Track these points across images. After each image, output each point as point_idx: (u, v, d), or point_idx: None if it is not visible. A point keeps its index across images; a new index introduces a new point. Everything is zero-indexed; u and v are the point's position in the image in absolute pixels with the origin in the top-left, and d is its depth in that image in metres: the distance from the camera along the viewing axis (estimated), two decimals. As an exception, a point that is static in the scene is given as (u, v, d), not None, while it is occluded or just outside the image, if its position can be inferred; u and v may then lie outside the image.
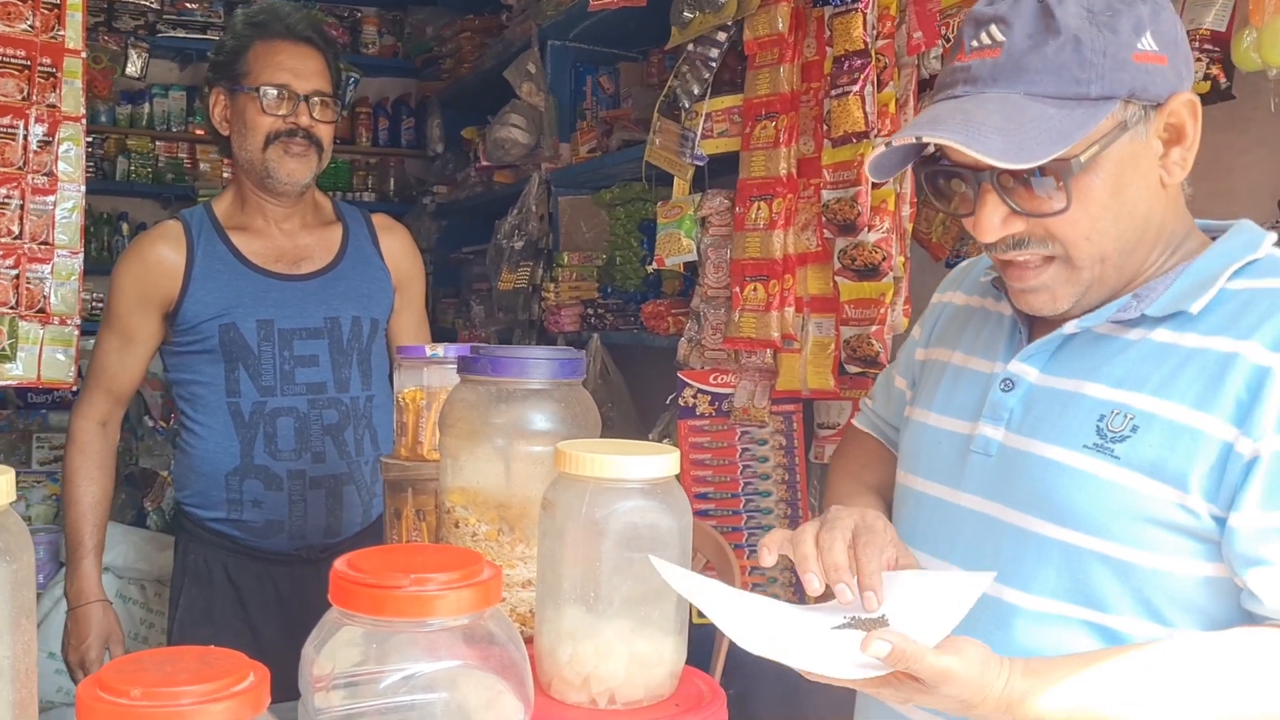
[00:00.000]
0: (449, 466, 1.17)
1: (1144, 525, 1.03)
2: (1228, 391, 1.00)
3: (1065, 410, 1.09)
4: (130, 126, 5.13)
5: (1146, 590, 1.04)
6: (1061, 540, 1.07)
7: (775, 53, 2.51)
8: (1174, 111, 1.06)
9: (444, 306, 5.20)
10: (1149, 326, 1.09)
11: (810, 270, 2.48)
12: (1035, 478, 1.09)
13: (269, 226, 2.14)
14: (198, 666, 0.72)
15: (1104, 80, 1.03)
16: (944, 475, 1.20)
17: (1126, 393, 1.06)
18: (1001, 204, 1.07)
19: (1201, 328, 1.05)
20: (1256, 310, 1.03)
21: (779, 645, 0.91)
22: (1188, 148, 1.08)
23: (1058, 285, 1.10)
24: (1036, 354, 1.15)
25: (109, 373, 2.11)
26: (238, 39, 2.10)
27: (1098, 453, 1.05)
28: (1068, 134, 1.01)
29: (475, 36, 4.88)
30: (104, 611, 2.10)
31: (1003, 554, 1.11)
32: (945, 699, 0.94)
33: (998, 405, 1.15)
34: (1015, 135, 1.01)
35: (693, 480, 2.75)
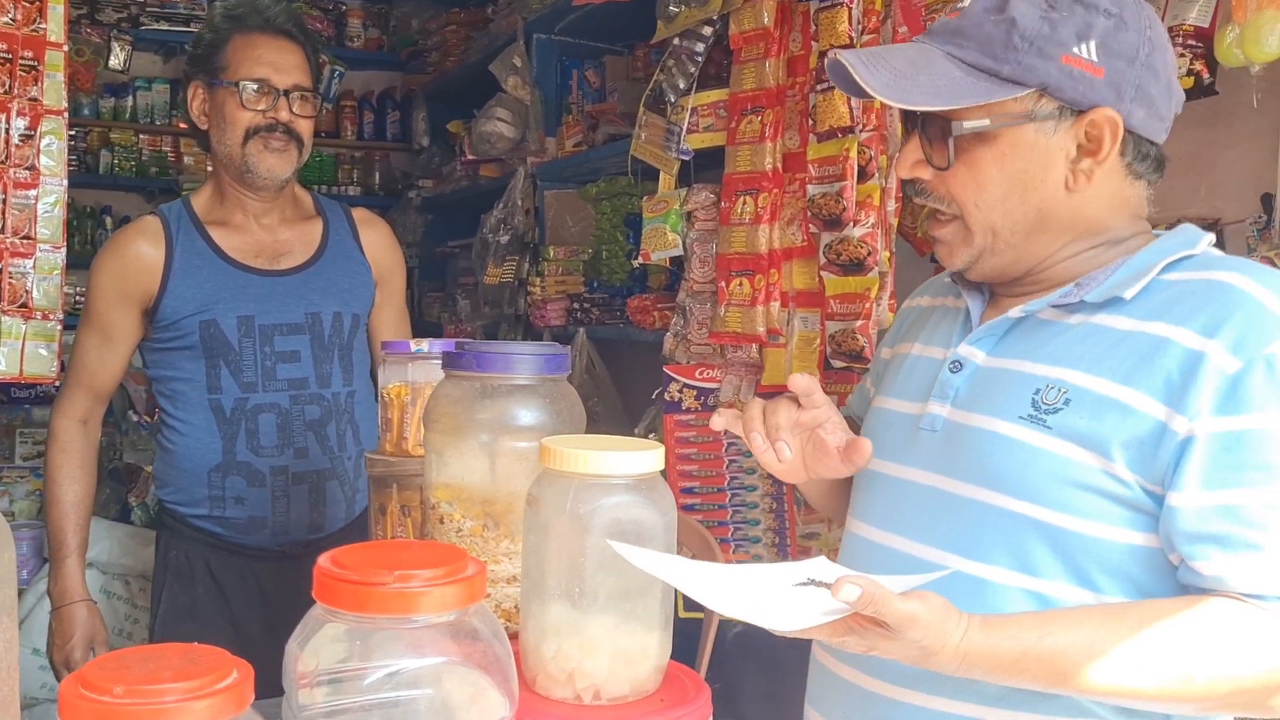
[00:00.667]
0: (434, 462, 1.17)
1: (1073, 490, 1.08)
2: (1158, 371, 1.06)
3: (1005, 386, 1.15)
4: (114, 120, 5.09)
5: (1077, 556, 1.08)
6: (998, 506, 1.11)
7: (761, 47, 2.51)
8: (1094, 123, 1.11)
9: (429, 301, 5.18)
10: (1088, 312, 1.14)
11: (796, 265, 2.49)
12: (975, 448, 1.14)
13: (249, 221, 2.13)
14: (181, 664, 0.72)
15: (1019, 65, 1.09)
16: (895, 453, 1.24)
17: (1062, 369, 1.11)
18: (918, 148, 1.17)
19: (1135, 312, 1.11)
20: (1189, 299, 1.08)
21: (747, 606, 0.93)
22: (1099, 161, 1.13)
23: (954, 242, 1.20)
24: (984, 338, 1.21)
25: (89, 370, 2.10)
26: (216, 32, 2.08)
27: (1031, 423, 1.10)
28: (956, 96, 1.10)
29: (460, 30, 4.86)
30: (88, 611, 2.09)
31: (944, 522, 1.16)
32: (908, 645, 0.96)
33: (945, 384, 1.21)
34: (907, 79, 1.12)
35: (678, 475, 2.75)
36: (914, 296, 1.47)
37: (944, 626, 0.97)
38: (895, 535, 1.21)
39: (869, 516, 1.27)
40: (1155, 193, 1.42)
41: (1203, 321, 1.06)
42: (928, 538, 1.17)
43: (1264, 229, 1.85)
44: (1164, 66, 1.13)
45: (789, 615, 0.95)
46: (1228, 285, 1.08)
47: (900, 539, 1.20)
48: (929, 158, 1.17)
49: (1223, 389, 1.03)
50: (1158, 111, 1.14)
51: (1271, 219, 1.83)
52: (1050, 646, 1.01)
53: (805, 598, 0.98)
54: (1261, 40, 1.54)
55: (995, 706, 1.11)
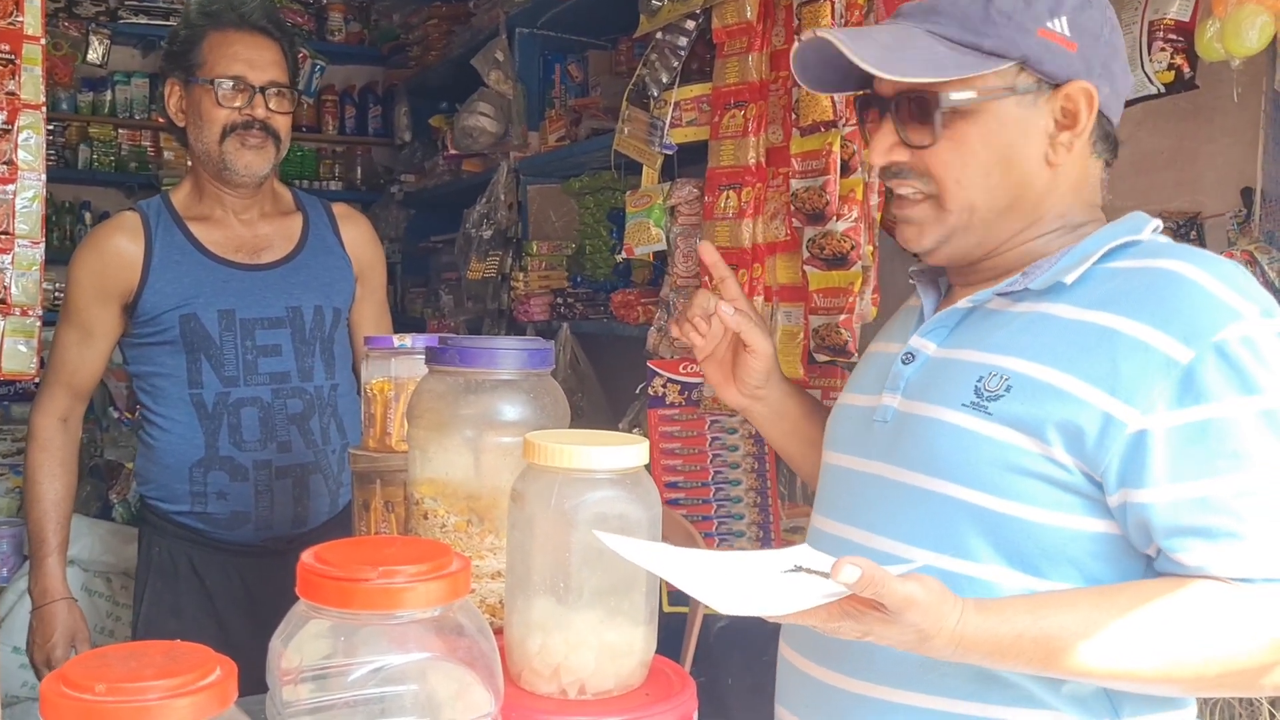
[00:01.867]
0: (417, 458, 1.17)
1: (1014, 476, 1.08)
2: (1101, 360, 1.05)
3: (952, 376, 1.16)
4: (92, 114, 5.05)
5: (1018, 541, 1.08)
6: (941, 493, 1.12)
7: (744, 41, 2.51)
8: (1070, 95, 1.13)
9: (412, 296, 5.17)
10: (1033, 300, 1.15)
11: (779, 259, 2.49)
12: (919, 435, 1.15)
13: (228, 217, 2.12)
14: (163, 661, 0.72)
15: (1000, 39, 1.10)
16: (852, 446, 1.26)
17: (1004, 357, 1.12)
18: (892, 131, 1.17)
19: (1079, 300, 1.11)
20: (1135, 288, 1.09)
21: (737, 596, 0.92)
22: (1077, 134, 1.14)
23: (926, 222, 1.19)
24: (935, 329, 1.22)
25: (69, 367, 2.09)
26: (191, 29, 2.07)
27: (973, 410, 1.11)
28: (943, 69, 1.10)
29: (442, 24, 4.84)
30: (69, 610, 2.08)
31: (896, 512, 1.16)
32: (905, 628, 0.95)
33: (897, 376, 1.22)
34: (894, 53, 1.12)
35: (662, 469, 2.75)
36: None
37: (941, 610, 0.97)
38: (853, 528, 1.21)
39: (829, 510, 1.28)
40: (1137, 188, 1.43)
41: (1150, 311, 1.06)
42: (882, 528, 1.17)
43: (1244, 223, 1.86)
44: (1121, 48, 1.16)
45: (781, 601, 0.94)
46: (1173, 273, 1.08)
47: (858, 531, 1.20)
48: (905, 139, 1.16)
49: (1178, 381, 1.03)
50: (1118, 89, 1.16)
51: (1251, 213, 1.84)
52: (1045, 629, 1.01)
53: (797, 584, 0.97)
54: (1242, 34, 1.55)
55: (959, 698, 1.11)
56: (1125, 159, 2.20)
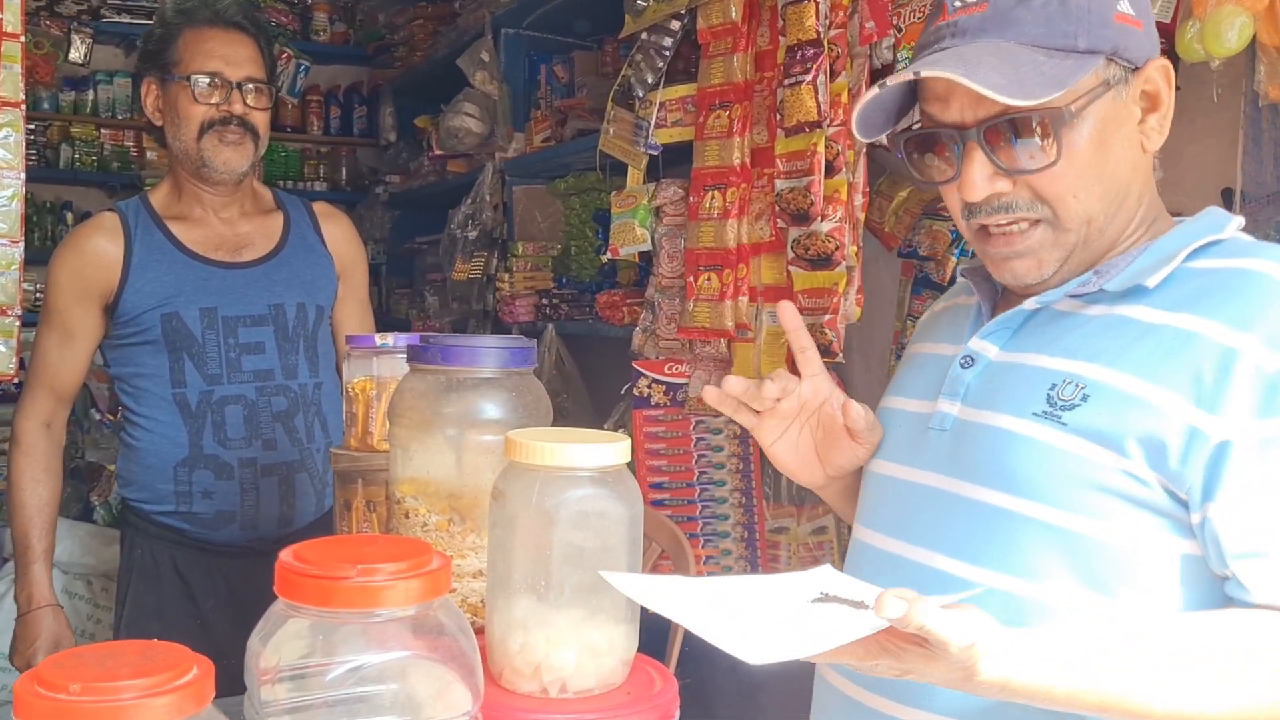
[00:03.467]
0: (399, 457, 1.16)
1: (1091, 492, 1.01)
2: (1186, 368, 0.99)
3: (1018, 382, 1.08)
4: (74, 113, 5.03)
5: (1092, 562, 1.01)
6: (1008, 509, 1.05)
7: (729, 42, 2.51)
8: (1150, 77, 1.08)
9: (397, 297, 5.16)
10: (1109, 302, 1.08)
11: (764, 260, 2.49)
12: (984, 447, 1.08)
13: (208, 215, 2.11)
14: (139, 661, 0.71)
15: (1090, 34, 1.04)
16: (903, 455, 1.18)
17: (1080, 363, 1.05)
18: (988, 161, 1.06)
19: (1160, 302, 1.04)
20: (1218, 289, 1.02)
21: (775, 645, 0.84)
22: (1163, 114, 1.09)
23: (1043, 249, 1.09)
24: (997, 331, 1.14)
25: (50, 371, 2.07)
26: (166, 27, 2.06)
27: (1046, 419, 1.03)
28: (1061, 79, 1.01)
29: (428, 24, 4.83)
30: (54, 616, 2.06)
31: (954, 527, 1.09)
32: (950, 667, 0.87)
33: (955, 381, 1.14)
34: (1012, 74, 1.01)
35: (648, 470, 2.75)
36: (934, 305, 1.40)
37: (987, 646, 0.87)
38: (904, 543, 1.14)
39: (876, 523, 1.19)
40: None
41: (1234, 314, 0.99)
42: (939, 545, 1.09)
43: (1225, 223, 1.87)
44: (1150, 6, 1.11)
45: (813, 640, 0.85)
46: (1258, 273, 1.01)
47: (910, 546, 1.13)
48: (1008, 165, 1.06)
49: (1263, 388, 0.96)
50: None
51: (1232, 213, 1.85)
52: (1103, 670, 0.92)
53: (827, 616, 0.90)
54: (1221, 35, 1.55)
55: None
56: (1108, 160, 2.22)
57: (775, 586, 0.98)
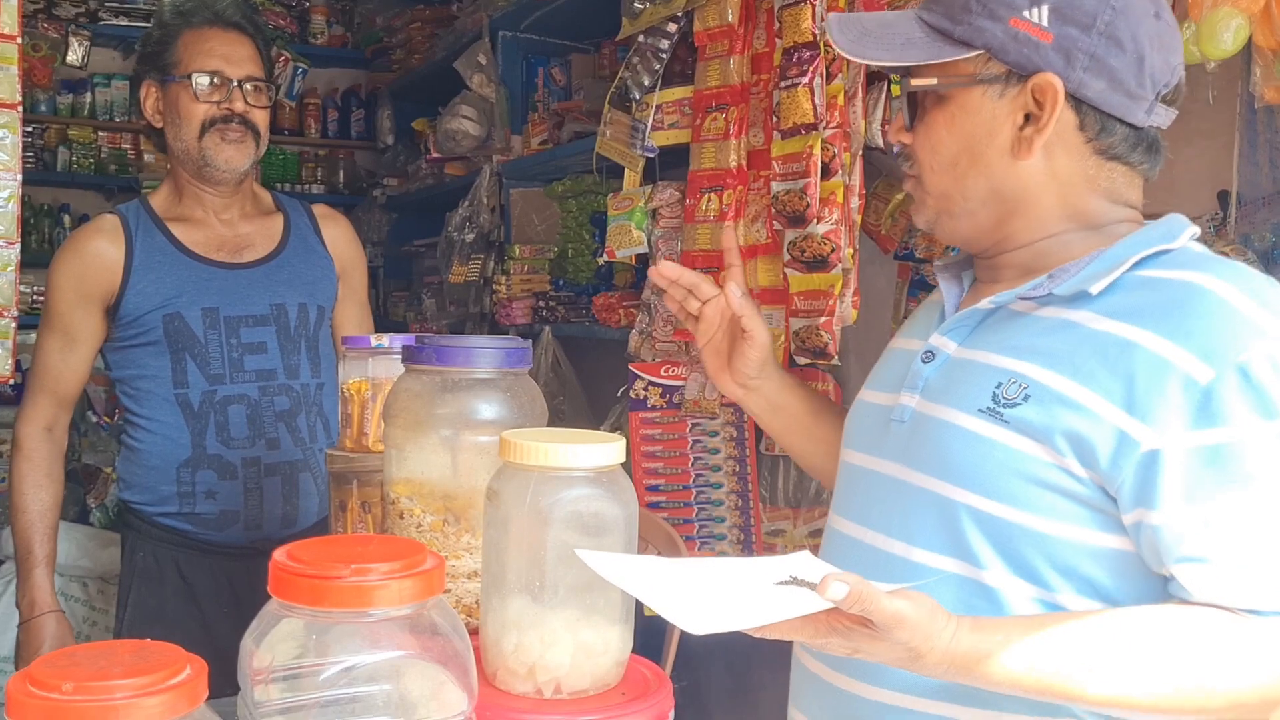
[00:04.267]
0: (394, 457, 1.16)
1: (1028, 485, 1.05)
2: (1120, 375, 1.02)
3: (970, 378, 1.13)
4: (72, 116, 5.02)
5: (1025, 551, 1.06)
6: (951, 498, 1.10)
7: (725, 44, 2.51)
8: (1038, 88, 1.10)
9: (395, 300, 5.15)
10: (1059, 305, 1.11)
11: (760, 262, 2.49)
12: (934, 438, 1.13)
13: (208, 217, 2.11)
14: (132, 660, 0.71)
15: (969, 28, 1.11)
16: (868, 445, 1.24)
17: (1024, 363, 1.09)
18: (905, 117, 1.20)
19: (1104, 309, 1.07)
20: (1162, 300, 1.04)
21: (720, 617, 0.89)
22: (1038, 130, 1.11)
23: (916, 202, 1.23)
24: (957, 328, 1.19)
25: (52, 375, 2.07)
26: (165, 29, 2.07)
27: (989, 416, 1.08)
28: (904, 54, 1.14)
29: (425, 27, 4.83)
30: (58, 622, 2.05)
31: (909, 515, 1.15)
32: (895, 646, 0.93)
33: (916, 375, 1.20)
34: (870, 38, 1.17)
35: (644, 472, 2.75)
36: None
37: (932, 628, 0.94)
38: (866, 529, 1.19)
39: (845, 510, 1.25)
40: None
41: (1172, 326, 1.02)
42: (896, 531, 1.15)
43: (1220, 226, 1.87)
44: (1132, 38, 1.08)
45: (758, 614, 0.91)
46: (1200, 287, 1.03)
47: (871, 532, 1.18)
48: (905, 122, 1.20)
49: (1197, 401, 0.99)
50: (1123, 86, 1.09)
51: (1227, 216, 1.85)
52: (1044, 655, 0.97)
53: (786, 597, 0.94)
54: (1217, 37, 1.55)
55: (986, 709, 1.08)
56: (1104, 162, 2.22)
57: (748, 569, 1.02)
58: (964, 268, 1.28)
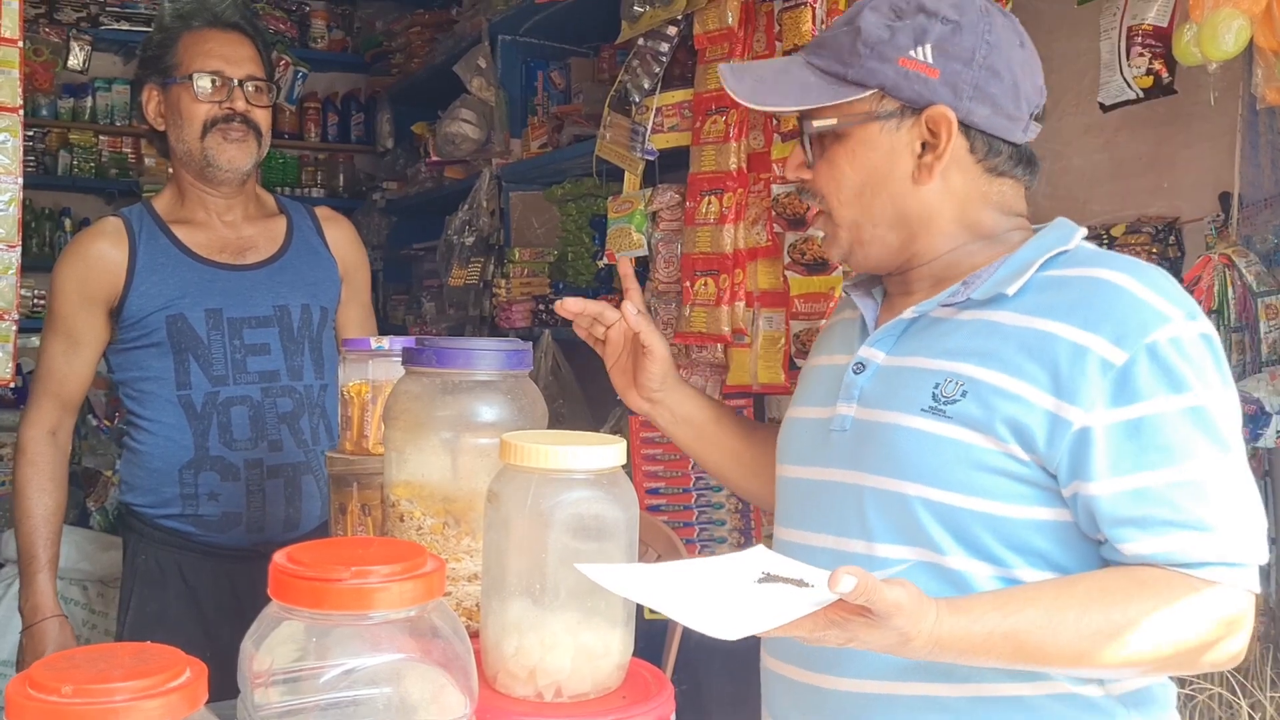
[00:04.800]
0: (394, 460, 1.16)
1: (975, 472, 1.13)
2: (1044, 364, 1.11)
3: (907, 383, 1.20)
4: (73, 120, 5.02)
5: (977, 533, 1.14)
6: (904, 493, 1.16)
7: (725, 47, 2.51)
8: (932, 118, 1.19)
9: (395, 304, 5.15)
10: (976, 308, 1.20)
11: (760, 265, 2.49)
12: (881, 441, 1.19)
13: (211, 219, 2.11)
14: (132, 663, 0.71)
15: (861, 69, 1.19)
16: (809, 458, 1.29)
17: (957, 363, 1.17)
18: (800, 152, 1.27)
19: (1020, 308, 1.17)
20: (1070, 296, 1.15)
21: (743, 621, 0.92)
22: (938, 155, 1.20)
23: (826, 236, 1.29)
24: (883, 338, 1.26)
25: (56, 378, 2.07)
26: (165, 32, 2.07)
27: (932, 414, 1.16)
28: (804, 98, 1.22)
29: (425, 31, 4.84)
30: (60, 627, 2.04)
31: (863, 514, 1.20)
32: (889, 632, 0.98)
33: (850, 386, 1.26)
34: (767, 85, 1.25)
35: (644, 476, 2.74)
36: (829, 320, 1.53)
37: (920, 612, 0.99)
38: (823, 535, 1.24)
39: (792, 521, 1.31)
40: (1116, 193, 1.43)
41: (1084, 316, 1.12)
42: (852, 531, 1.21)
43: (1222, 227, 1.87)
44: (1007, 68, 1.19)
45: (769, 616, 0.94)
46: (1106, 281, 1.14)
47: (828, 537, 1.23)
48: (806, 160, 1.26)
49: (1114, 381, 1.09)
50: (1004, 110, 1.20)
51: (1229, 217, 1.85)
52: (1013, 626, 1.05)
53: (776, 595, 0.98)
54: (1218, 38, 1.55)
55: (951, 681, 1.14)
56: (1104, 165, 2.22)
57: (716, 567, 1.05)
58: (873, 284, 1.35)
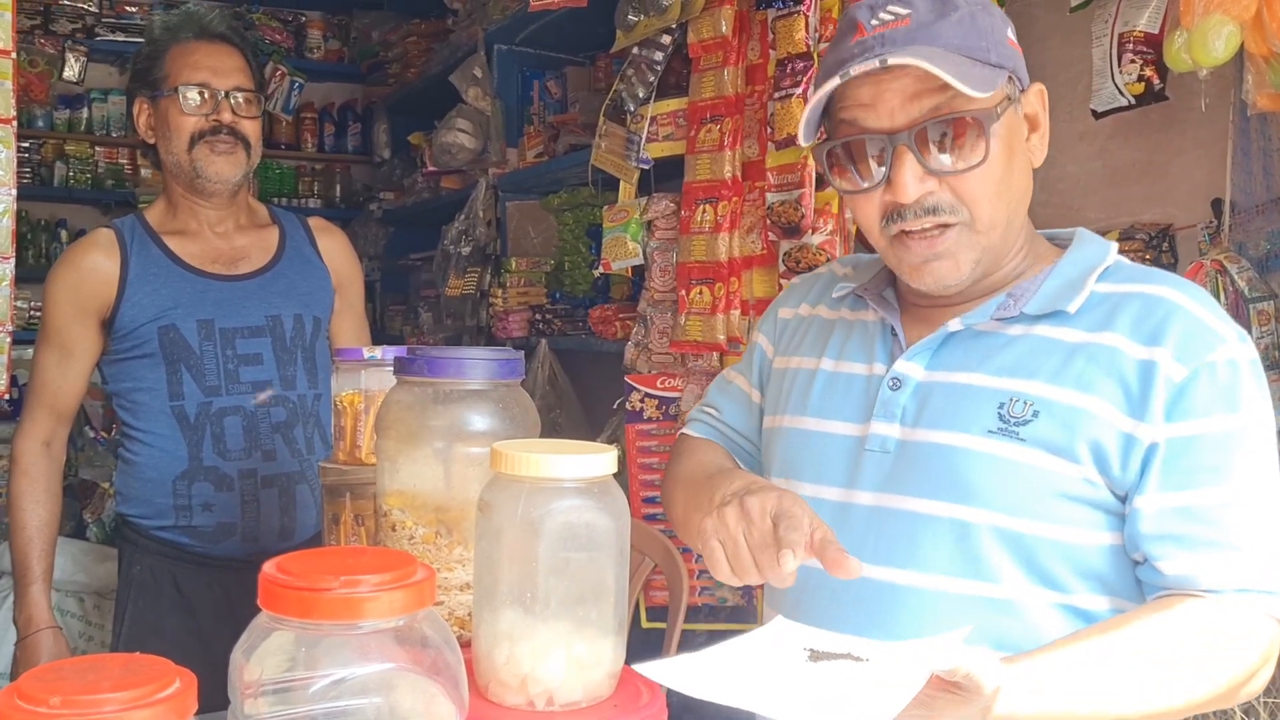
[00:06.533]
0: (386, 469, 1.15)
1: (1051, 498, 1.09)
2: (1116, 380, 1.09)
3: (962, 400, 1.15)
4: (68, 131, 5.03)
5: (1046, 561, 1.10)
6: (963, 520, 1.11)
7: (719, 56, 2.52)
8: (1031, 98, 1.18)
9: (391, 313, 5.15)
10: (1028, 323, 1.16)
11: (756, 273, 2.49)
12: (937, 464, 1.14)
13: (203, 230, 2.12)
14: (121, 674, 0.71)
15: (996, 51, 1.13)
16: (837, 478, 1.21)
17: (1021, 381, 1.12)
18: (918, 163, 1.12)
19: (1080, 324, 1.14)
20: (1129, 311, 1.13)
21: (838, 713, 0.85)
22: (1042, 135, 1.19)
23: (960, 251, 1.15)
24: (920, 352, 1.20)
25: (50, 389, 2.07)
26: (154, 45, 2.09)
27: (1003, 436, 1.11)
28: (990, 81, 1.10)
29: (421, 41, 4.85)
30: (55, 639, 2.04)
31: (909, 542, 1.14)
32: (974, 707, 0.91)
33: (889, 403, 1.19)
34: (956, 71, 1.08)
35: (641, 484, 2.74)
36: (787, 305, 1.42)
37: (999, 682, 0.91)
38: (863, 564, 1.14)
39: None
40: (1109, 199, 1.42)
41: (1148, 332, 1.10)
42: (901, 561, 1.14)
43: (1214, 233, 1.88)
44: None
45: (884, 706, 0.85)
46: (1163, 299, 1.12)
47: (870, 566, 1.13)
48: (938, 166, 1.12)
49: (1172, 396, 1.08)
50: None
51: (1221, 223, 1.86)
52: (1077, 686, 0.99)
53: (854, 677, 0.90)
54: (1209, 45, 1.56)
55: None
56: (1098, 171, 2.22)
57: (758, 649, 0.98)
58: (884, 286, 1.29)
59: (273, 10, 5.39)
